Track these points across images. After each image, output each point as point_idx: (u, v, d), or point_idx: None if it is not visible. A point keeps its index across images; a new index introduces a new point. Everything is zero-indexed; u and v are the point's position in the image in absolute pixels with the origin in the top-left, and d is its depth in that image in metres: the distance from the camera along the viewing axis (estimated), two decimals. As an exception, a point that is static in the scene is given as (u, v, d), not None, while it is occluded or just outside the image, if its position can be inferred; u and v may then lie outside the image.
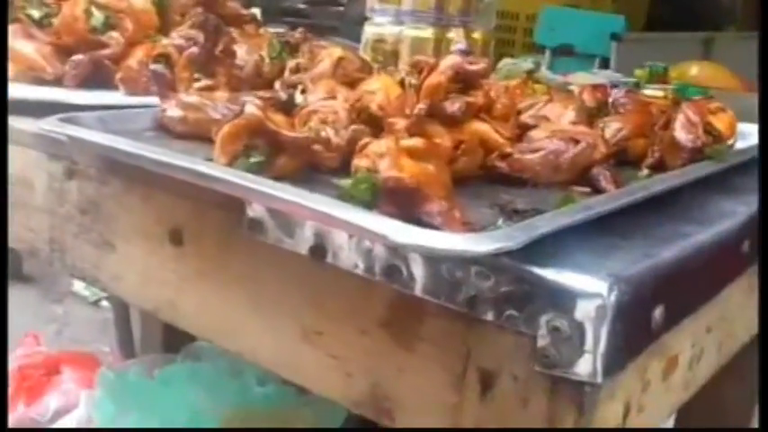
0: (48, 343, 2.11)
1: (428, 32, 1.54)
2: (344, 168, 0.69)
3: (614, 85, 1.53)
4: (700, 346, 0.73)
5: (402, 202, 0.55)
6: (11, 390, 1.79)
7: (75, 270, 0.87)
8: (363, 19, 1.55)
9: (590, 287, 0.52)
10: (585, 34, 3.03)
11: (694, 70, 2.26)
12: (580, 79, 1.71)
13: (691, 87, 1.78)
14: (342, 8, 5.19)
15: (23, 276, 3.11)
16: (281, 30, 1.31)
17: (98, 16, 1.05)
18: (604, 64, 2.85)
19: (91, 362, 1.92)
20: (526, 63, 1.96)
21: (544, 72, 2.04)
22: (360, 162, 0.61)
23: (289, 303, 0.68)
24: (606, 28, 2.92)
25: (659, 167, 0.83)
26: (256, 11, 1.33)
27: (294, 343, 0.67)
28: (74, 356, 1.96)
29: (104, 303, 2.94)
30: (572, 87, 1.17)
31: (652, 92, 1.57)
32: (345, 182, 0.59)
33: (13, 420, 1.74)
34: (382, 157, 0.57)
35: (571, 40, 3.07)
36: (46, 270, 3.11)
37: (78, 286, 3.05)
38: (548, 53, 3.07)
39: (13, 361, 1.86)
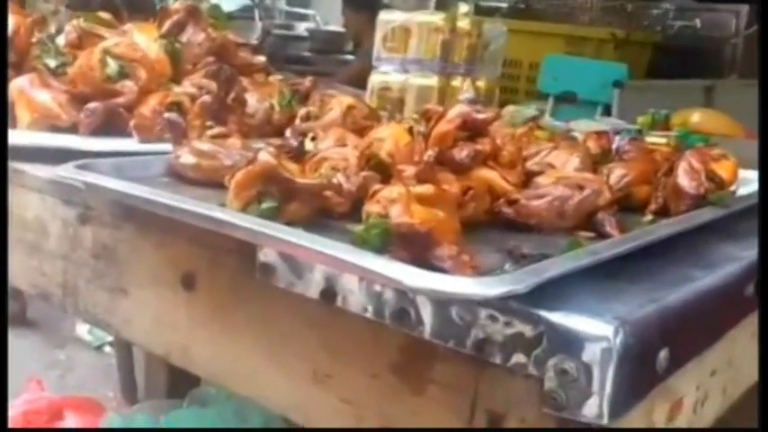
0: (51, 388, 2.11)
1: (433, 81, 1.56)
2: (354, 214, 0.71)
3: (617, 132, 1.55)
4: (704, 389, 0.74)
5: (413, 246, 0.56)
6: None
7: (88, 315, 0.88)
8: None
9: (596, 330, 0.53)
10: (588, 82, 3.07)
11: (696, 117, 2.28)
12: (584, 126, 1.73)
13: (693, 135, 1.79)
14: (342, 56, 5.30)
15: (27, 321, 3.11)
16: (286, 76, 1.33)
17: (113, 65, 1.07)
18: (607, 111, 2.88)
19: (94, 407, 1.92)
20: (529, 110, 1.99)
21: (547, 119, 2.07)
22: (371, 208, 0.62)
23: (300, 347, 0.69)
24: (608, 76, 2.96)
25: (663, 213, 0.85)
26: (262, 58, 1.36)
27: (305, 386, 0.68)
28: (77, 402, 1.96)
29: (107, 349, 2.93)
30: (575, 134, 1.19)
31: (655, 139, 1.59)
32: (357, 227, 0.61)
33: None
34: (393, 203, 0.58)
35: (573, 88, 3.11)
36: (50, 315, 3.11)
37: (81, 330, 3.05)
38: (550, 100, 3.11)
39: (18, 407, 1.86)
